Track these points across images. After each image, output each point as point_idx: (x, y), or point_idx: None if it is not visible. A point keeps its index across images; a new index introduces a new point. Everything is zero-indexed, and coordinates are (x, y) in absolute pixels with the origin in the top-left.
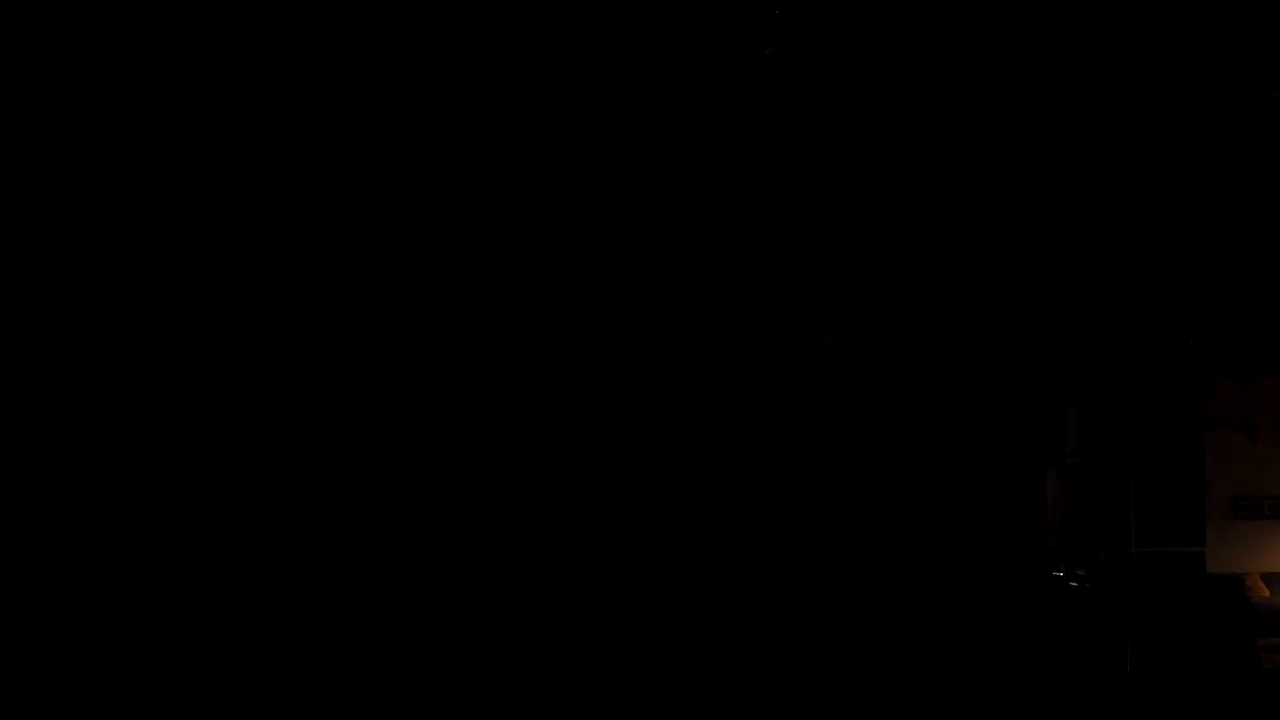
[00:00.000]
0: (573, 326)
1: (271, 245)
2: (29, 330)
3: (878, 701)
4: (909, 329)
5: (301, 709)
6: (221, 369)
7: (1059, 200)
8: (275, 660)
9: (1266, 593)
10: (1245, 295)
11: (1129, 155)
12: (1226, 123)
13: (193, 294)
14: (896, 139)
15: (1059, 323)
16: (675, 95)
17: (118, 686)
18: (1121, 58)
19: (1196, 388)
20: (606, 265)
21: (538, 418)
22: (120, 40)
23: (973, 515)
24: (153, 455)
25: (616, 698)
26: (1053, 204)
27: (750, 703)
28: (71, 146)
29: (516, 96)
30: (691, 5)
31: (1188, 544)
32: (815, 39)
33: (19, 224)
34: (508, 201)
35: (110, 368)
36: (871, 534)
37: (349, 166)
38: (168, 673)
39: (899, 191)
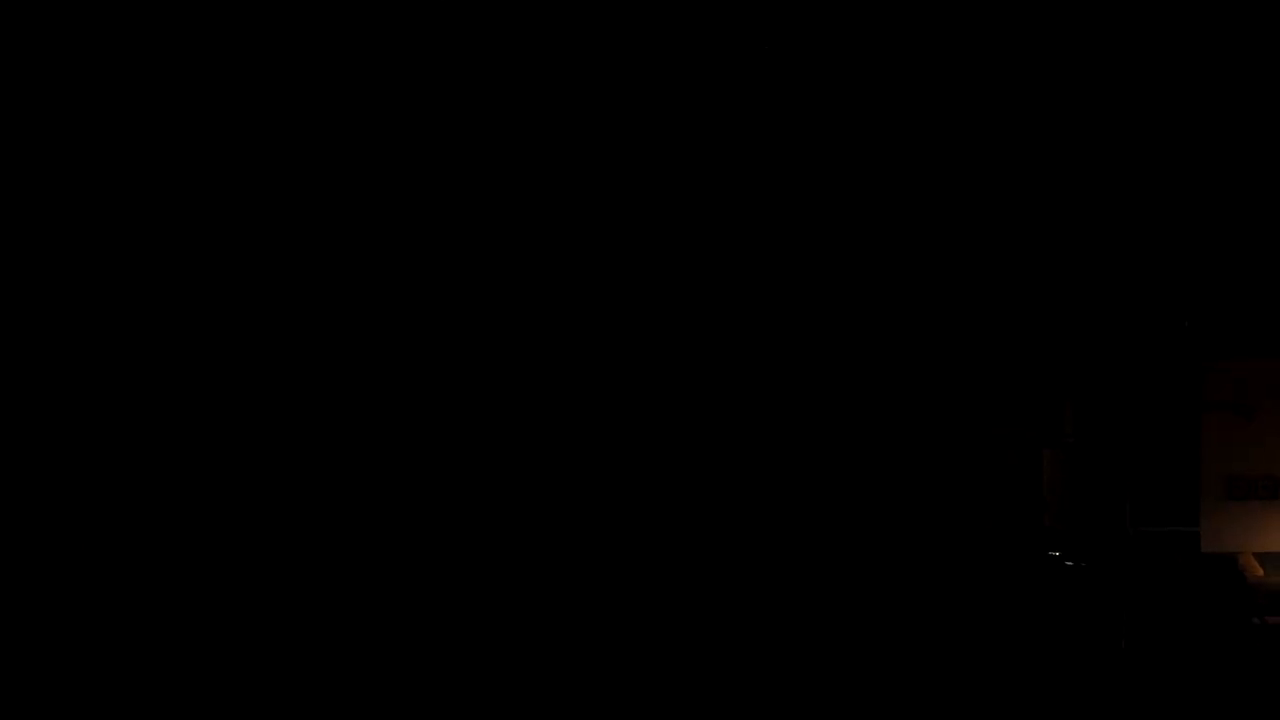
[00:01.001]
0: None
1: (274, 246)
2: (29, 330)
3: (875, 682)
4: (907, 310)
5: (302, 706)
6: (222, 369)
7: (1056, 184)
8: (275, 656)
9: (1260, 572)
10: (1242, 279)
11: (1126, 140)
12: (1225, 108)
13: (192, 294)
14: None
15: (1057, 305)
16: None
17: (117, 684)
18: (1121, 43)
19: (1192, 370)
20: None
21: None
22: (121, 41)
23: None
24: (153, 454)
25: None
26: (1050, 188)
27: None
28: (72, 147)
29: None
30: None
31: (1183, 524)
32: None
33: (20, 224)
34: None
35: (112, 368)
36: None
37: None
38: (167, 670)
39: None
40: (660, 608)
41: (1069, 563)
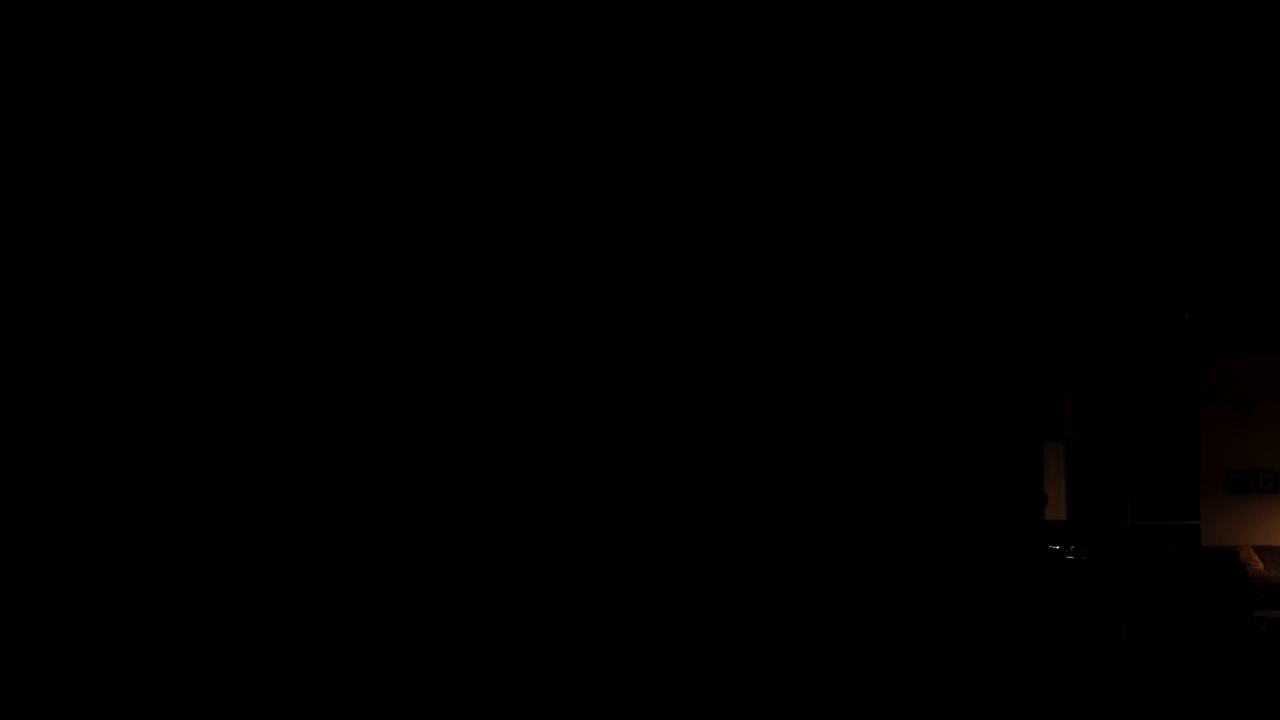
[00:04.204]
0: None
1: (274, 246)
2: (29, 330)
3: (874, 677)
4: (906, 305)
5: (301, 708)
6: (222, 369)
7: (1054, 178)
8: (275, 658)
9: (1260, 565)
10: (1240, 272)
11: (1123, 132)
12: (1223, 100)
13: (192, 295)
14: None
15: (1056, 298)
16: None
17: (117, 685)
18: (1115, 32)
19: (1191, 363)
20: None
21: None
22: (121, 41)
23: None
24: (153, 455)
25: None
26: (1048, 182)
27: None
28: (72, 147)
29: None
30: None
31: (1183, 518)
32: None
33: (20, 224)
34: None
35: (112, 368)
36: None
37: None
38: (167, 671)
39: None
40: (658, 601)
41: (1069, 557)
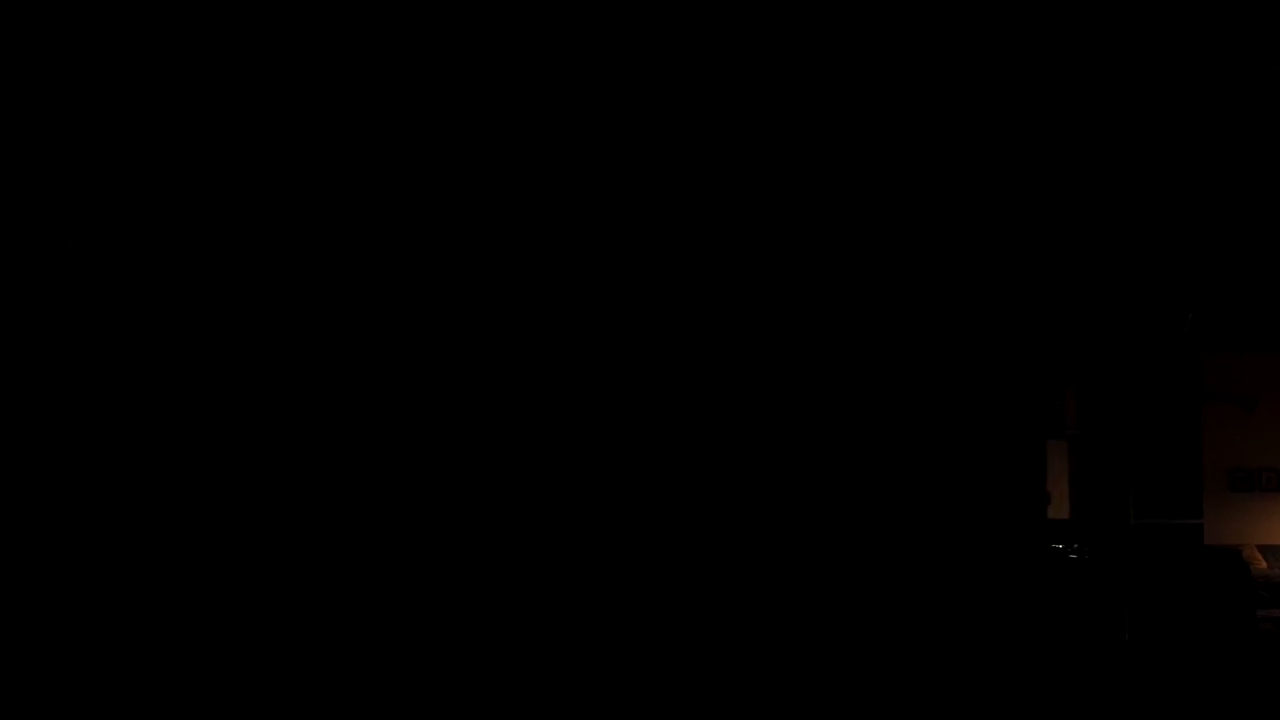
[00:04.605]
0: None
1: (274, 247)
2: (29, 330)
3: (876, 676)
4: (908, 302)
5: (301, 709)
6: (221, 370)
7: (1057, 176)
8: (275, 658)
9: (1264, 564)
10: (1244, 271)
11: (1125, 131)
12: (1225, 99)
13: (192, 295)
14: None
15: (1059, 296)
16: None
17: (117, 685)
18: (1117, 32)
19: (1194, 361)
20: None
21: None
22: (120, 40)
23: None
24: (153, 454)
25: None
26: (1051, 180)
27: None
28: (72, 147)
29: None
30: None
31: (1186, 516)
32: None
33: (19, 224)
34: None
35: (112, 368)
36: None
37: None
38: (167, 671)
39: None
40: (661, 600)
41: (1072, 555)
